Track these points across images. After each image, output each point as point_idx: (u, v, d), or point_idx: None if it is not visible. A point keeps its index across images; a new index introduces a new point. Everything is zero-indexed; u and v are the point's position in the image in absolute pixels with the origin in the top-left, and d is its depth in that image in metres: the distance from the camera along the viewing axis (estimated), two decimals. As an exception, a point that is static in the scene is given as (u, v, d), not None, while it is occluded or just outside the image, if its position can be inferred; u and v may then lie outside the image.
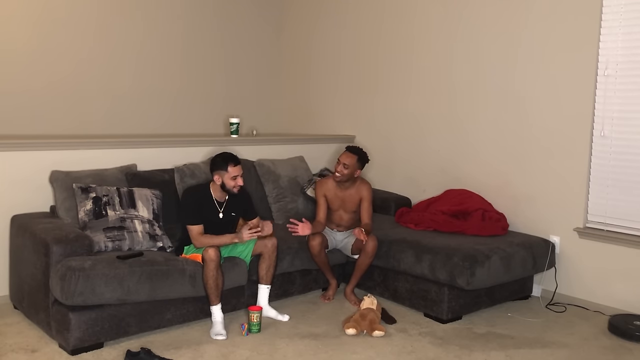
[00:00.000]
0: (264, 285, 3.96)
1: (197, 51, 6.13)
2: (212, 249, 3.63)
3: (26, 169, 4.11)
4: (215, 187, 3.90)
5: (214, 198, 3.90)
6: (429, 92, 5.26)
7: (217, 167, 3.83)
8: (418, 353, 3.51)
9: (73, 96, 5.42)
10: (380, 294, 4.39)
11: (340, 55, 6.04)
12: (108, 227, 3.77)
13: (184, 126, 5.95)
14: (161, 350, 3.42)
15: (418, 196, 5.25)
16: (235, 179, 3.82)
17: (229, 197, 3.94)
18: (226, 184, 3.83)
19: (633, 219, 4.12)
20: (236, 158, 3.86)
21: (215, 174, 3.84)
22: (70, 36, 5.37)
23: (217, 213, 3.90)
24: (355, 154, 4.29)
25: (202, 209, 3.87)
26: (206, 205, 3.89)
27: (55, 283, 3.34)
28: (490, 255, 3.98)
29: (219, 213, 3.91)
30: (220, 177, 3.82)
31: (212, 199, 3.90)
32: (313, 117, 6.37)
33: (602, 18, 4.14)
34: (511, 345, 3.65)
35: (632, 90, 4.09)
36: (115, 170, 4.22)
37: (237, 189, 3.85)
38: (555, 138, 4.43)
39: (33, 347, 3.46)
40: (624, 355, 3.56)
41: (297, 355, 3.44)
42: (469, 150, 4.98)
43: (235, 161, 3.83)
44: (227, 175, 3.81)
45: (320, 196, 4.39)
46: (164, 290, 3.57)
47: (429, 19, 5.22)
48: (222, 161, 3.82)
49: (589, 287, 4.32)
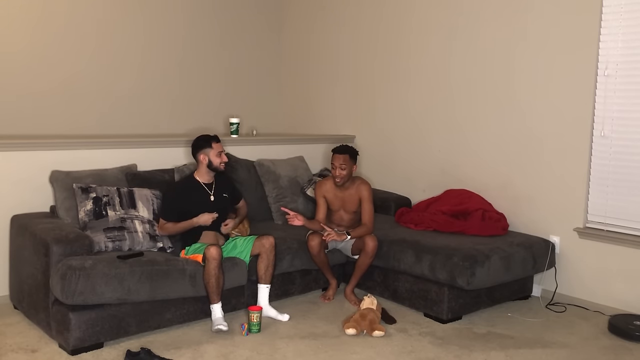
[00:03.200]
0: (264, 284, 3.96)
1: (197, 51, 6.13)
2: (214, 248, 3.65)
3: (26, 169, 4.11)
4: (201, 172, 4.01)
5: (202, 182, 3.99)
6: (428, 92, 5.26)
7: (201, 146, 3.97)
8: (418, 353, 3.51)
9: (73, 96, 5.42)
10: (380, 294, 4.39)
11: (340, 55, 6.04)
12: (108, 227, 3.77)
13: (184, 126, 5.95)
14: (161, 350, 3.42)
15: (418, 196, 5.25)
16: (221, 155, 3.98)
17: (217, 179, 4.05)
18: (213, 161, 3.96)
19: (633, 219, 4.12)
20: (216, 136, 4.04)
21: (201, 153, 3.97)
22: (70, 37, 5.37)
23: (209, 197, 3.98)
24: (345, 152, 4.29)
25: (192, 199, 3.94)
26: (195, 192, 3.97)
27: (55, 282, 3.34)
28: (490, 255, 3.98)
29: (210, 196, 3.99)
30: (206, 155, 3.96)
31: (200, 185, 3.99)
32: (313, 117, 6.37)
33: (602, 18, 4.14)
34: (511, 345, 3.65)
35: (632, 90, 4.09)
36: (116, 170, 4.23)
37: (223, 166, 4.01)
38: (555, 138, 4.44)
39: (33, 347, 3.46)
40: (624, 355, 3.56)
41: (297, 355, 3.45)
42: (468, 150, 4.98)
43: (216, 139, 4.01)
44: (212, 152, 3.96)
45: (320, 197, 4.39)
46: (164, 290, 3.57)
47: (428, 19, 5.22)
48: (204, 140, 3.99)
49: (589, 287, 4.32)
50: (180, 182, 4.16)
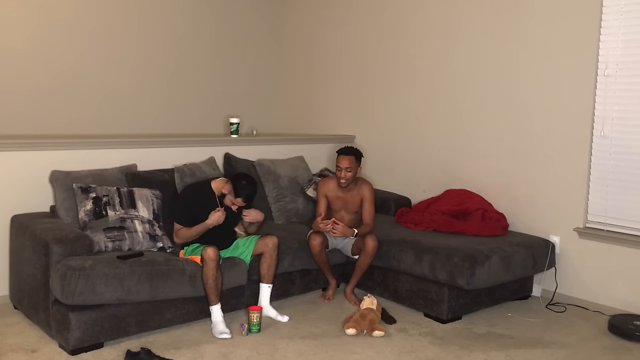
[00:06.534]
0: (266, 284, 3.96)
1: (198, 51, 6.13)
2: (210, 249, 3.64)
3: (26, 169, 4.11)
4: (217, 184, 3.96)
5: (216, 194, 3.95)
6: (429, 92, 5.26)
7: (233, 187, 3.88)
8: (418, 353, 3.51)
9: (72, 96, 5.41)
10: (380, 294, 4.39)
11: (340, 55, 6.04)
12: (108, 227, 3.77)
13: (184, 126, 5.95)
14: (161, 350, 3.42)
15: (418, 196, 5.25)
16: (232, 204, 3.91)
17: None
18: (226, 201, 3.92)
19: (633, 219, 4.12)
20: (252, 197, 3.93)
21: (227, 186, 3.89)
22: (69, 36, 5.36)
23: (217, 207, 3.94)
24: (352, 154, 4.29)
25: (202, 206, 3.90)
26: (207, 201, 3.93)
27: (55, 282, 3.34)
28: (490, 255, 3.98)
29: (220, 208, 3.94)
30: (229, 193, 3.89)
31: (213, 195, 3.95)
32: (313, 117, 6.37)
33: (602, 18, 4.14)
34: (511, 345, 3.65)
35: (632, 90, 4.09)
36: (115, 170, 4.22)
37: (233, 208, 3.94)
38: (555, 138, 4.44)
39: (33, 347, 3.46)
40: (624, 355, 3.56)
41: (297, 355, 3.44)
42: (469, 150, 4.98)
43: (248, 199, 3.90)
44: (229, 198, 3.90)
45: (322, 196, 4.39)
46: (164, 290, 3.57)
47: (429, 18, 5.22)
48: (240, 189, 3.87)
49: (589, 287, 4.32)
50: (196, 187, 4.08)
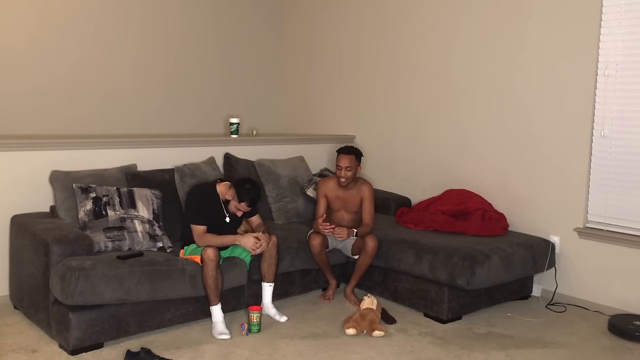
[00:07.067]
0: (267, 283, 3.97)
1: (197, 51, 6.13)
2: (210, 249, 3.64)
3: (26, 169, 4.11)
4: (221, 189, 3.94)
5: (220, 198, 3.94)
6: (429, 92, 5.26)
7: (237, 192, 3.86)
8: (418, 353, 3.51)
9: (72, 96, 5.41)
10: (380, 294, 4.39)
11: (340, 55, 6.04)
12: (108, 227, 3.77)
13: (184, 126, 5.95)
14: (161, 350, 3.42)
15: (418, 196, 5.25)
16: (237, 210, 3.91)
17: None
18: (230, 206, 3.91)
19: (633, 219, 4.12)
20: (256, 201, 3.92)
21: (231, 191, 3.88)
22: (69, 36, 5.36)
23: (222, 212, 3.94)
24: (352, 153, 4.29)
25: (208, 207, 3.90)
26: (212, 204, 3.93)
27: (55, 283, 3.34)
28: (490, 255, 3.98)
29: (225, 213, 3.95)
30: (233, 198, 3.87)
31: (217, 198, 3.94)
32: (313, 117, 6.37)
33: (602, 19, 4.14)
34: (511, 345, 3.65)
35: (632, 90, 4.09)
36: (115, 170, 4.22)
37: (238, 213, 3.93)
38: (556, 138, 4.44)
39: (33, 347, 3.46)
40: (624, 355, 3.56)
41: (297, 355, 3.44)
42: (469, 150, 4.98)
43: (252, 203, 3.89)
44: (234, 204, 3.89)
45: (322, 196, 4.39)
46: (164, 290, 3.57)
47: (429, 18, 5.22)
48: (243, 193, 3.85)
49: (589, 287, 4.32)
50: (203, 188, 4.08)
